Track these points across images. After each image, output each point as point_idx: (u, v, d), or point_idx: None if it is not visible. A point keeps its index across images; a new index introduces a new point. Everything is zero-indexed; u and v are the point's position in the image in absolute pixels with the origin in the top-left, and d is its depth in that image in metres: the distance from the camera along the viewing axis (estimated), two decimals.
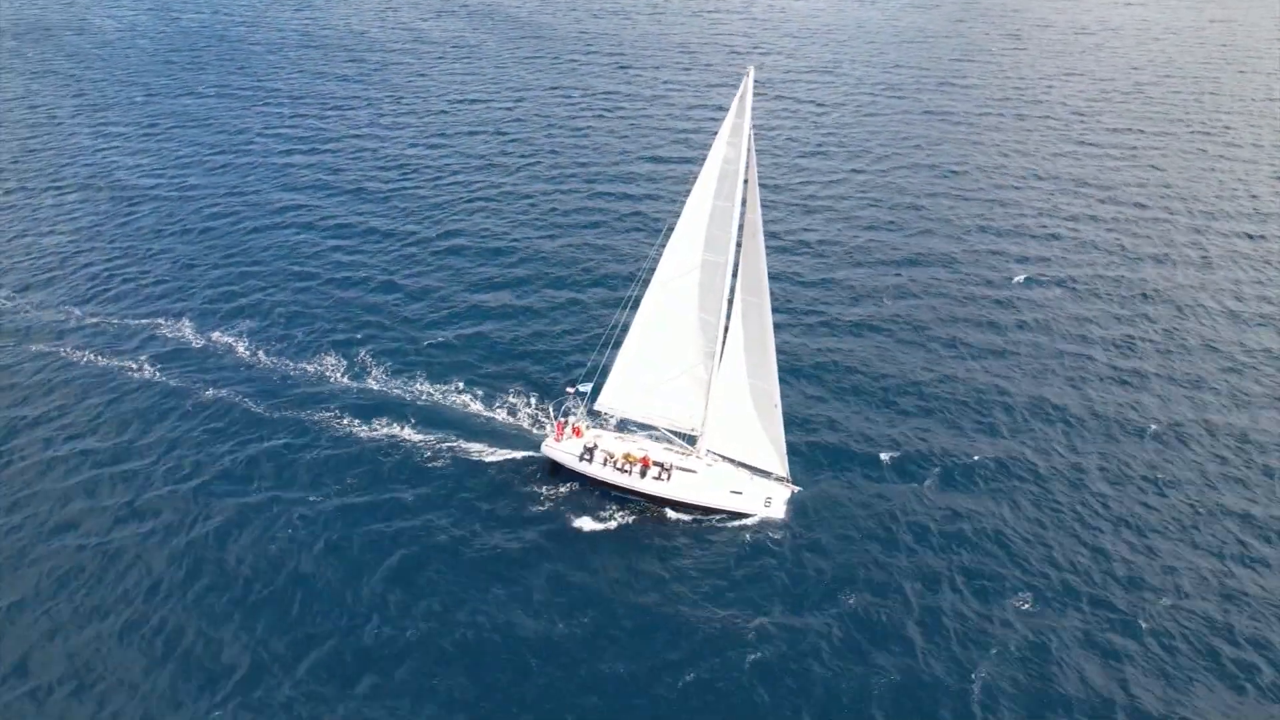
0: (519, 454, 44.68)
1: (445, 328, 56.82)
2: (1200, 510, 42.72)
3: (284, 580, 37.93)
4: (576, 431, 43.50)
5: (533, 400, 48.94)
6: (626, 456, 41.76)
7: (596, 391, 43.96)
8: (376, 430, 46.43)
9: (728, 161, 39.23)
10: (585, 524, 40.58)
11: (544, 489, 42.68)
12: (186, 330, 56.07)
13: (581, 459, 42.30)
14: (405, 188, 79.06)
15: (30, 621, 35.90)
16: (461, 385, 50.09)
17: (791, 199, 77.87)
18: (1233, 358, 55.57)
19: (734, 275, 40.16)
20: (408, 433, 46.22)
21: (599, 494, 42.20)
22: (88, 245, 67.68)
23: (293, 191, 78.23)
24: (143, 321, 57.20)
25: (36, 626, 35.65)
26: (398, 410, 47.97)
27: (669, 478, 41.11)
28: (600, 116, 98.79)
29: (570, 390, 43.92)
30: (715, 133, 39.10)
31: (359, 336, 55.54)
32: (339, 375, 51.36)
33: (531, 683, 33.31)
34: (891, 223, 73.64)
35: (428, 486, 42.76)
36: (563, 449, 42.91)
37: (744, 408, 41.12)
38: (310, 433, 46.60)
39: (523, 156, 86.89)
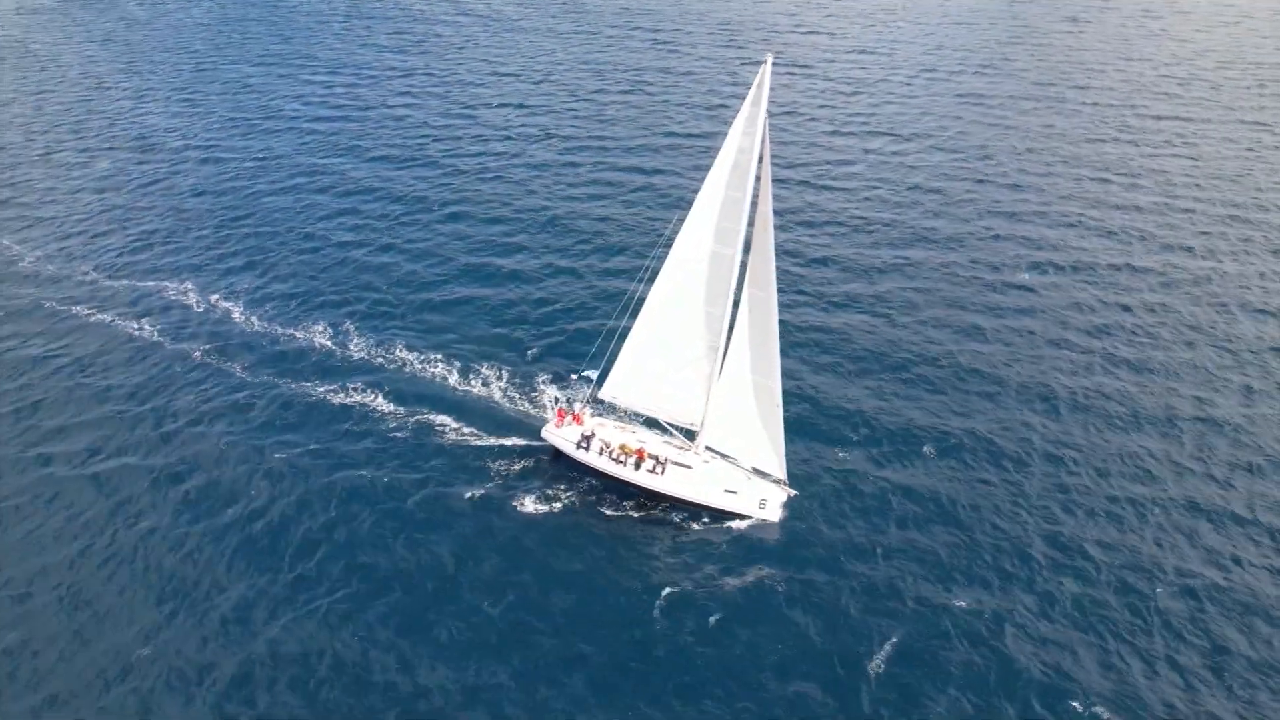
0: (520, 440, 44.55)
1: (449, 299, 57.09)
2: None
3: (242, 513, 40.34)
4: (577, 419, 43.11)
5: (539, 382, 48.71)
6: (623, 448, 41.29)
7: (603, 379, 43.54)
8: (387, 409, 46.72)
9: (742, 151, 38.19)
10: (570, 511, 40.30)
11: (538, 473, 42.54)
12: (189, 285, 58.14)
13: (579, 446, 41.92)
14: (430, 156, 79.11)
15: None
16: (473, 363, 50.17)
17: (805, 175, 76.60)
18: (1245, 352, 53.59)
19: (741, 268, 39.32)
20: (398, 409, 46.53)
21: (598, 484, 41.85)
22: (107, 203, 70.13)
23: (317, 157, 79.17)
24: (148, 277, 59.41)
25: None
26: (401, 387, 48.25)
27: (663, 472, 40.53)
28: (631, 92, 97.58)
29: (574, 377, 43.54)
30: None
31: (359, 304, 56.51)
32: (341, 339, 52.49)
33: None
34: (906, 204, 71.90)
35: (404, 458, 43.40)
36: (561, 435, 42.59)
37: (745, 404, 40.29)
38: (288, 392, 48.07)
39: (548, 130, 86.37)
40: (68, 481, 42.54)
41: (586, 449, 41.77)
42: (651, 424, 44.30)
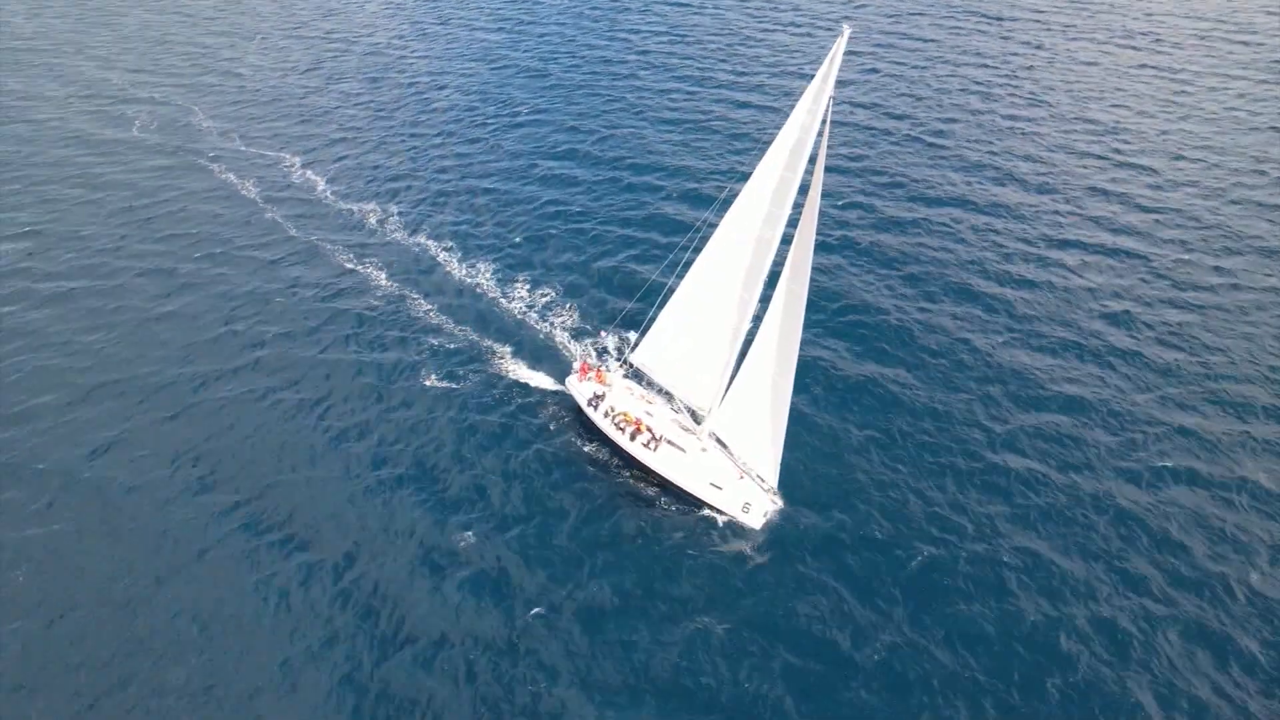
0: (548, 382, 44.74)
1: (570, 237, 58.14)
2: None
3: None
4: (599, 376, 42.26)
5: (586, 327, 48.59)
6: (624, 415, 39.85)
7: (639, 344, 42.38)
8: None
9: (804, 130, 35.81)
10: (568, 460, 39.55)
11: (552, 418, 42.40)
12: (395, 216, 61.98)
13: (589, 404, 41.05)
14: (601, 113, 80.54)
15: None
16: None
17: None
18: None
19: (779, 256, 36.76)
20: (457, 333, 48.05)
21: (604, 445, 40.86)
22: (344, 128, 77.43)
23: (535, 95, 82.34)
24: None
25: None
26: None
27: (656, 449, 38.66)
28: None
29: (601, 334, 42.74)
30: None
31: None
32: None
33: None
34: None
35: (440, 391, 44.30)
36: (579, 388, 41.94)
37: (757, 398, 37.56)
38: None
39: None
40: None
41: (595, 408, 40.83)
42: (671, 398, 42.59)
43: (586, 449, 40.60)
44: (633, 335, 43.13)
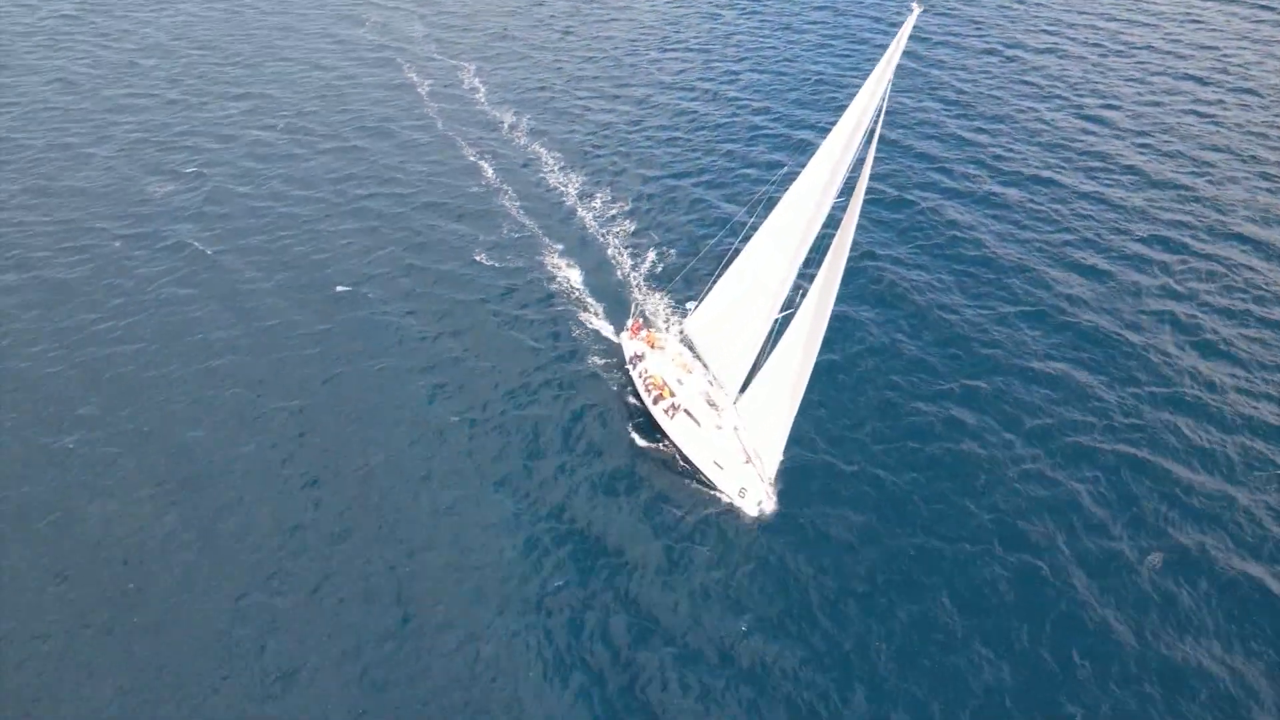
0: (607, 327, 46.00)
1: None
2: None
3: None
4: (649, 337, 42.51)
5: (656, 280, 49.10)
6: (653, 378, 39.98)
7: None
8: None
9: (864, 112, 33.12)
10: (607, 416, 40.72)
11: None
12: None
13: (630, 361, 41.61)
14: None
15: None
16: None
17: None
18: None
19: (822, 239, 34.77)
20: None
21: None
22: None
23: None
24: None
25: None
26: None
27: (673, 417, 38.59)
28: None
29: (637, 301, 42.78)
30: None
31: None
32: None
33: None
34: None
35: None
36: (627, 345, 42.53)
37: (772, 390, 36.38)
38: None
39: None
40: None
41: (634, 366, 41.37)
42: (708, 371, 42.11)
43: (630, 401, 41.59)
44: (691, 305, 42.74)
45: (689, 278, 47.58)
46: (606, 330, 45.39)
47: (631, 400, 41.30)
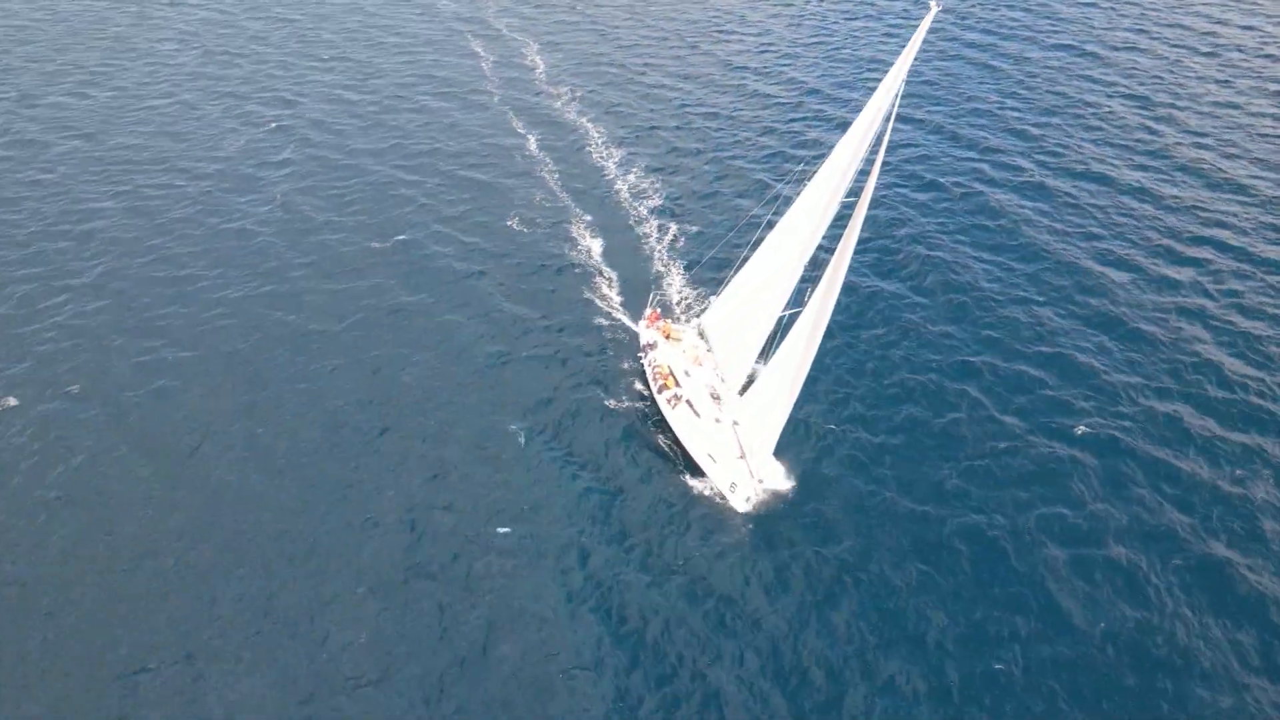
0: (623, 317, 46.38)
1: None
2: None
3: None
4: (665, 328, 42.77)
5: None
6: (659, 367, 40.30)
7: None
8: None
9: (879, 111, 32.65)
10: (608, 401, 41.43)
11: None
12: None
13: (643, 349, 42.02)
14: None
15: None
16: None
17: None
18: None
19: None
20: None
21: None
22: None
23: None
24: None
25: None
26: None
27: (674, 406, 38.85)
28: None
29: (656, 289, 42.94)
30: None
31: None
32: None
33: None
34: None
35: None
36: (644, 333, 42.92)
37: (768, 391, 36.29)
38: None
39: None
40: None
41: (645, 354, 41.79)
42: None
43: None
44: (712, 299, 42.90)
45: (718, 265, 47.49)
46: (620, 313, 45.90)
47: (639, 386, 41.81)
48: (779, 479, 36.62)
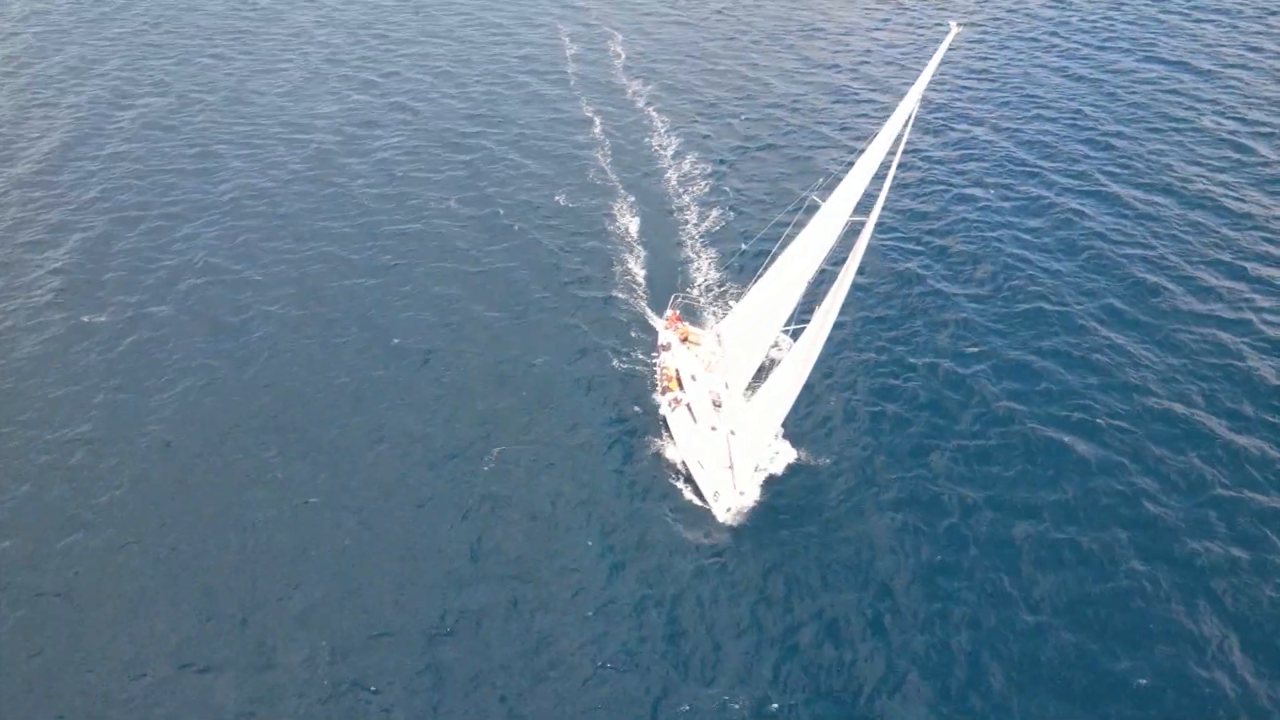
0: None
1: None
2: None
3: None
4: (683, 332, 42.71)
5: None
6: (665, 369, 40.30)
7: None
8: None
9: (896, 125, 31.90)
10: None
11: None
12: None
13: (657, 349, 42.18)
14: None
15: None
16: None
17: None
18: None
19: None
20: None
21: None
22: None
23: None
24: None
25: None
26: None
27: (674, 409, 38.74)
28: None
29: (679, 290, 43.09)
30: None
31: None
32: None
33: None
34: None
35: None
36: (662, 333, 42.99)
37: (767, 395, 35.78)
38: None
39: None
40: None
41: (658, 355, 41.93)
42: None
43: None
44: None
45: (749, 269, 46.81)
46: (643, 307, 46.45)
47: (647, 385, 41.87)
48: (758, 492, 35.94)
